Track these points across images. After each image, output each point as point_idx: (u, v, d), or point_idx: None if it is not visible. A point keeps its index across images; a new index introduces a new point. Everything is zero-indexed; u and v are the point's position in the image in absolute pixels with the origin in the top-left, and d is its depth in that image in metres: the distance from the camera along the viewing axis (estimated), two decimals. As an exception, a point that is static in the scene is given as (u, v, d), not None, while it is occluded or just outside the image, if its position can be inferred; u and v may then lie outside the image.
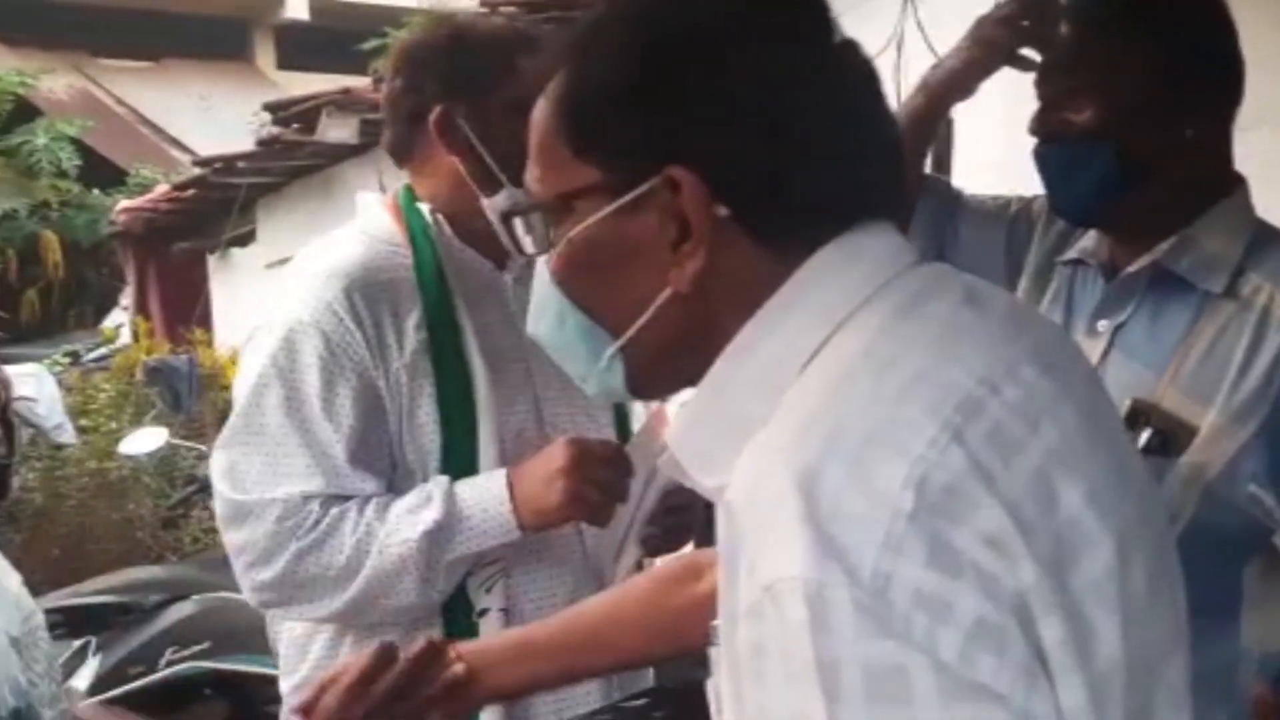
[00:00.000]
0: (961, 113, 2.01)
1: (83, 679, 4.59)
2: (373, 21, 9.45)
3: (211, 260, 8.13)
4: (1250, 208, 1.62)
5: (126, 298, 9.02)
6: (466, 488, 1.77)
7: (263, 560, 1.77)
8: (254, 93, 10.03)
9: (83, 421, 7.00)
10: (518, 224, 1.01)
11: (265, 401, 1.79)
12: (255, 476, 1.78)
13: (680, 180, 0.89)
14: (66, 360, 8.52)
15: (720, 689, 0.91)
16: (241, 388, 1.83)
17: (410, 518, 1.74)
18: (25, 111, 10.34)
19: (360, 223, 1.96)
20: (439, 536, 1.73)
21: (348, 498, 1.78)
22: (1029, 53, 1.72)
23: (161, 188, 7.81)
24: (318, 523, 1.75)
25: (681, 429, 0.96)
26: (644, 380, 0.99)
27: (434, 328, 1.84)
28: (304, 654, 1.90)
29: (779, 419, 0.86)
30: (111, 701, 4.45)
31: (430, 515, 1.73)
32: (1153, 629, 0.87)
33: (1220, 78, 1.57)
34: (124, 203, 7.83)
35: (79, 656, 4.58)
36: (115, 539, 6.83)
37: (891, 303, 0.90)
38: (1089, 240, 1.69)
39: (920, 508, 0.78)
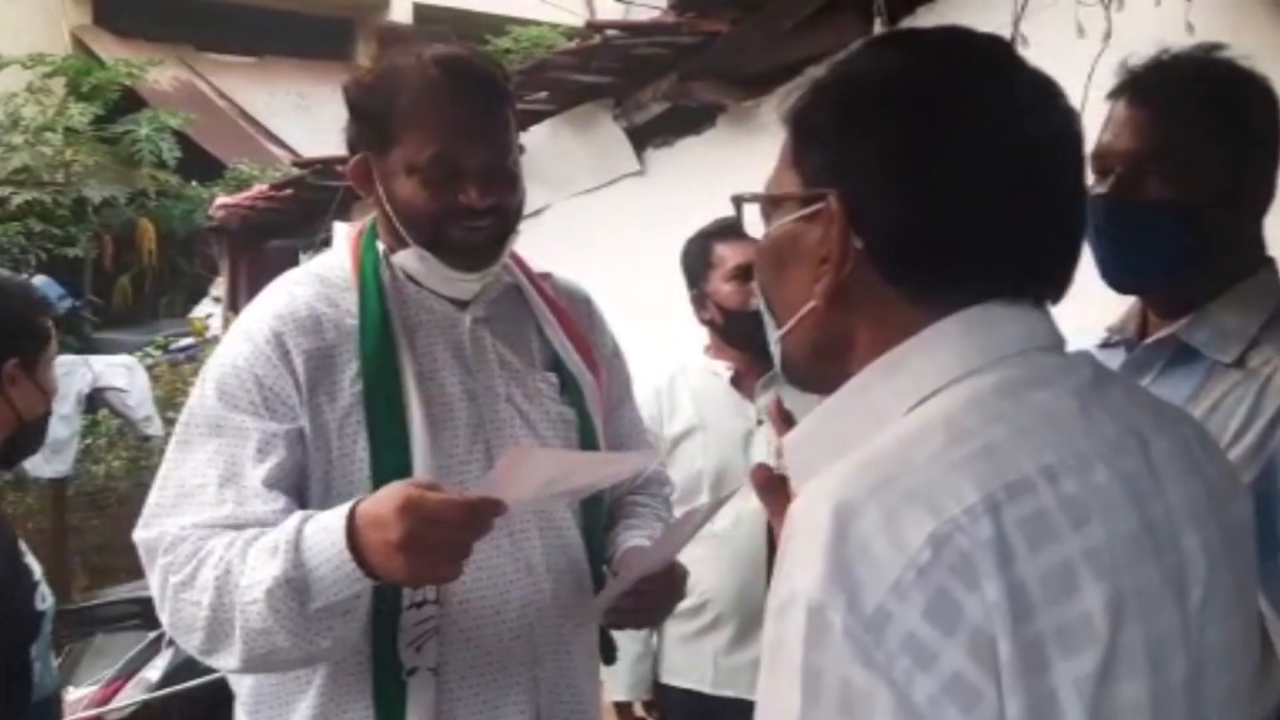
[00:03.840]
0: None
1: (155, 670, 4.63)
2: (476, 28, 9.54)
3: (304, 259, 8.19)
4: (1276, 286, 1.67)
5: (217, 289, 9.14)
6: (312, 533, 1.63)
7: (160, 602, 1.74)
8: (353, 94, 10.10)
9: (169, 414, 7.08)
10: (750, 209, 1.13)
11: (194, 440, 1.77)
12: (165, 514, 1.74)
13: (832, 207, 1.01)
14: (158, 352, 8.63)
15: None
16: (176, 429, 1.81)
17: (261, 570, 1.63)
18: (130, 102, 10.54)
19: (319, 261, 1.93)
20: (289, 591, 1.61)
21: (238, 529, 1.70)
22: None
23: (259, 186, 7.89)
24: (189, 558, 1.69)
25: (797, 444, 1.07)
26: (793, 373, 1.11)
27: (370, 383, 1.79)
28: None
29: (857, 454, 0.96)
30: (185, 693, 4.50)
31: (272, 571, 1.61)
32: None
33: (1275, 176, 1.65)
34: (222, 198, 7.92)
35: (152, 648, 4.63)
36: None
37: (999, 378, 0.98)
38: (1113, 320, 1.77)
39: (934, 563, 0.88)
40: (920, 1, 3.87)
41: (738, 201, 1.13)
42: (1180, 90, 1.64)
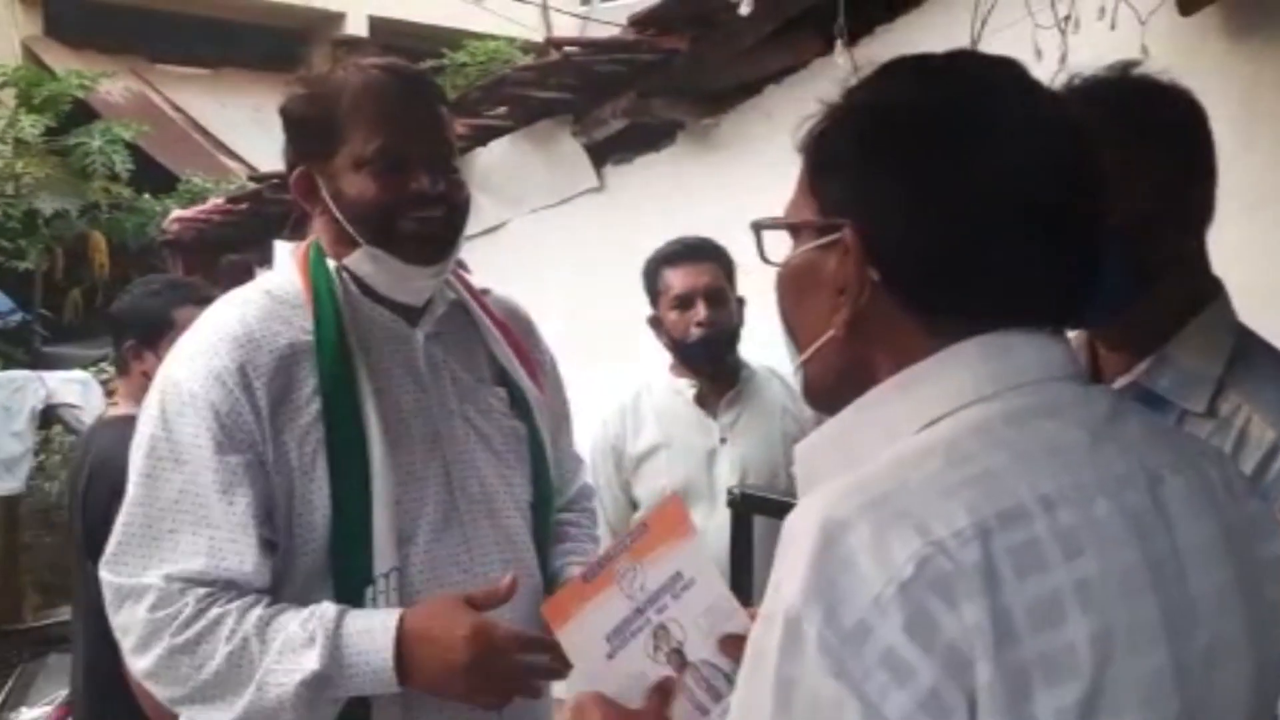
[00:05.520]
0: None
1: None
2: (431, 42, 9.54)
3: (259, 274, 8.10)
4: (1231, 314, 1.63)
5: (170, 303, 9.02)
6: (354, 630, 1.68)
7: (140, 648, 1.74)
8: (308, 107, 10.03)
9: (123, 429, 6.98)
10: (766, 235, 1.14)
11: (158, 475, 1.75)
12: (135, 557, 1.74)
13: (847, 239, 1.01)
14: (112, 367, 8.53)
15: None
16: (134, 458, 1.79)
17: (291, 658, 1.67)
18: (82, 113, 10.41)
19: (267, 279, 1.93)
20: (318, 684, 1.66)
21: (225, 585, 1.72)
22: None
23: (214, 199, 7.83)
24: (191, 621, 1.69)
25: (808, 453, 1.09)
26: (817, 397, 1.12)
27: (329, 398, 1.79)
28: None
29: (853, 472, 0.97)
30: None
31: (309, 664, 1.66)
32: None
33: (1213, 189, 1.60)
34: (177, 212, 7.84)
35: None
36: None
37: (1009, 406, 0.98)
38: None
39: (915, 580, 0.88)
40: (879, 22, 3.91)
41: (757, 228, 1.14)
42: (1087, 114, 1.58)
